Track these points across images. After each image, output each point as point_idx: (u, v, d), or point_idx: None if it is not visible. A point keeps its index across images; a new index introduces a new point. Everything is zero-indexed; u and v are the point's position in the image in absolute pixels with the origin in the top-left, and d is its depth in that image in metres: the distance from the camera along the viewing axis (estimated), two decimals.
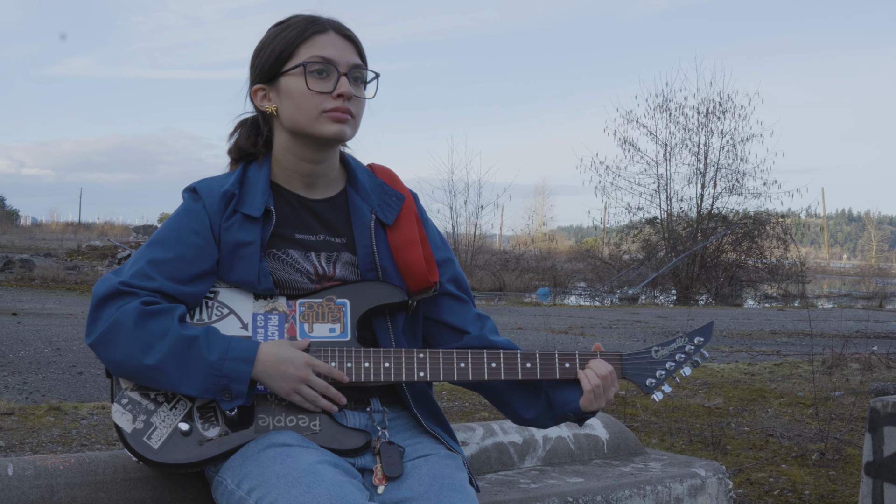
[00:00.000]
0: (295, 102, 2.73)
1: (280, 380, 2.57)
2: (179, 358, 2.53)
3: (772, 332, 18.58)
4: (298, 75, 2.71)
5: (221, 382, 2.53)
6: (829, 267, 71.51)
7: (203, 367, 2.53)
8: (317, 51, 2.71)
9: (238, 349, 2.56)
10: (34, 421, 7.24)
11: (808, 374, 10.77)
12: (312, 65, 2.70)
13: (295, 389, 2.59)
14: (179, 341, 2.54)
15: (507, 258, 38.92)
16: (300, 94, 2.72)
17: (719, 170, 35.95)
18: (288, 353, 2.60)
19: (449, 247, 3.02)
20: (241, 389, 2.55)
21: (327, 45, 2.73)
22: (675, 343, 2.84)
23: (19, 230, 61.76)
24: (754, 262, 35.96)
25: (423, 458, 2.66)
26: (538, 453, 3.67)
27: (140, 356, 2.53)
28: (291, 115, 2.74)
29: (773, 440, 7.42)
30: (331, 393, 2.62)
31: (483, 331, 2.93)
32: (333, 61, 2.72)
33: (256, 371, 2.56)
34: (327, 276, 2.78)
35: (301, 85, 2.71)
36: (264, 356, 2.58)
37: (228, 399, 2.55)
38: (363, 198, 2.87)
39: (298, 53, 2.72)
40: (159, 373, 2.54)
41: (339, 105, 2.72)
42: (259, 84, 2.80)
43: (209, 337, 2.57)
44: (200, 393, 2.55)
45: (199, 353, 2.53)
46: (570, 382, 2.80)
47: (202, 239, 2.70)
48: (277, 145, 2.83)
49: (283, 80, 2.74)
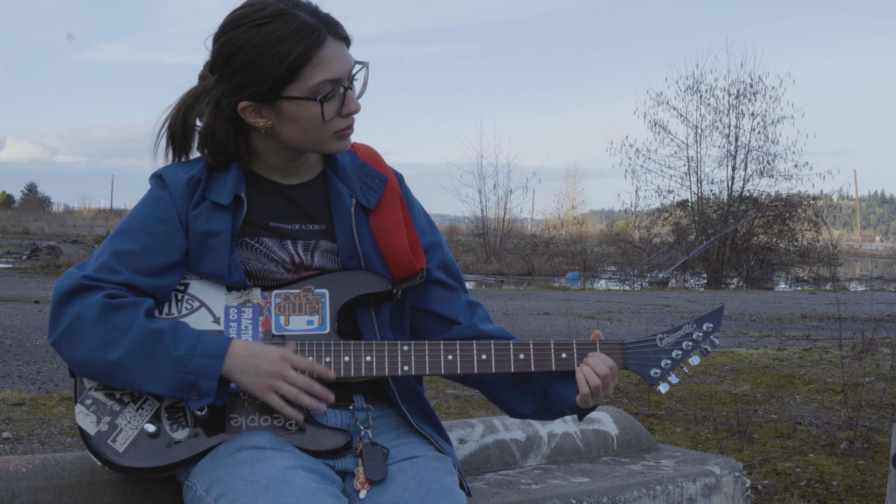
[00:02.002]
0: (302, 128, 2.54)
1: (252, 375, 2.40)
2: (144, 353, 2.38)
3: (802, 315, 18.38)
4: (309, 105, 2.50)
5: (188, 379, 2.37)
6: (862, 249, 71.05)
7: (169, 363, 2.37)
8: (325, 73, 2.49)
9: (207, 344, 2.40)
10: (45, 411, 7.17)
11: (837, 360, 10.59)
12: (326, 95, 2.50)
13: (270, 386, 2.40)
14: (144, 335, 2.38)
15: (537, 242, 38.85)
16: (310, 122, 2.52)
17: (750, 152, 35.77)
18: (262, 348, 2.44)
19: (437, 230, 2.85)
20: (209, 387, 2.38)
21: (331, 59, 2.50)
22: (682, 330, 2.67)
23: (50, 217, 62.22)
24: (785, 244, 35.79)
25: (410, 461, 2.51)
26: (542, 451, 3.50)
27: (102, 352, 2.38)
28: (296, 137, 2.56)
29: (801, 428, 7.27)
30: (314, 390, 2.43)
31: (473, 319, 2.77)
32: (341, 79, 2.52)
33: (227, 367, 2.40)
34: (305, 266, 2.62)
35: (312, 114, 2.51)
36: (235, 350, 2.41)
37: (196, 398, 2.39)
38: (343, 181, 2.69)
39: (304, 76, 2.48)
40: (122, 369, 2.38)
41: (348, 123, 2.58)
42: (250, 102, 2.54)
43: (177, 331, 2.41)
44: (166, 391, 2.39)
45: (165, 347, 2.38)
46: (567, 376, 2.63)
47: (170, 228, 2.54)
48: (260, 146, 2.64)
49: (285, 105, 2.52)
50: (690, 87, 36.00)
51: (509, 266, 33.87)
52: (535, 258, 35.12)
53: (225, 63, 2.52)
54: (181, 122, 2.64)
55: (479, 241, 37.23)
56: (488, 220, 38.02)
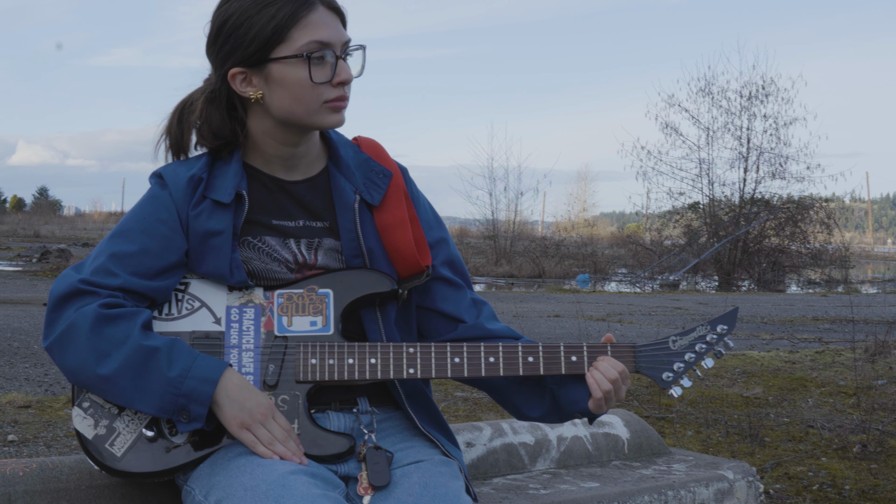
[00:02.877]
0: (292, 94, 2.48)
1: (237, 408, 2.35)
2: (136, 370, 2.32)
3: (814, 318, 18.32)
4: (297, 65, 2.46)
5: (179, 402, 2.32)
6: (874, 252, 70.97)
7: (160, 383, 2.32)
8: (312, 34, 2.45)
9: (202, 367, 2.35)
10: (51, 414, 7.16)
11: (850, 363, 10.53)
12: (313, 54, 2.45)
13: (247, 425, 2.35)
14: (137, 352, 2.33)
15: (548, 244, 38.84)
16: (299, 85, 2.47)
17: (762, 154, 35.71)
18: (256, 391, 2.40)
19: (444, 226, 2.79)
20: (199, 412, 2.34)
21: (321, 24, 2.47)
22: (696, 332, 2.60)
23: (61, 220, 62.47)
24: (797, 247, 35.74)
25: (415, 465, 2.45)
26: (552, 455, 3.45)
27: (94, 365, 2.33)
28: (287, 106, 2.50)
29: (814, 432, 7.21)
30: (290, 446, 2.36)
31: (479, 318, 2.71)
32: (331, 44, 2.47)
33: (217, 392, 2.35)
34: (308, 265, 2.57)
35: (300, 76, 2.46)
36: (229, 380, 2.37)
37: (186, 421, 2.35)
38: (346, 177, 2.63)
39: (292, 37, 2.45)
40: (112, 385, 2.34)
41: (340, 93, 2.51)
42: (239, 68, 2.51)
43: (173, 350, 2.35)
44: (156, 411, 2.34)
45: (158, 366, 2.32)
46: (577, 379, 2.57)
47: (169, 229, 2.49)
48: (256, 129, 2.58)
49: (273, 68, 2.47)
50: (702, 88, 36.03)
51: (520, 268, 33.88)
52: (546, 260, 35.13)
53: (216, 35, 2.51)
54: (177, 121, 2.62)
55: (489, 243, 37.23)
56: (499, 223, 38.07)
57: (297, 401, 2.44)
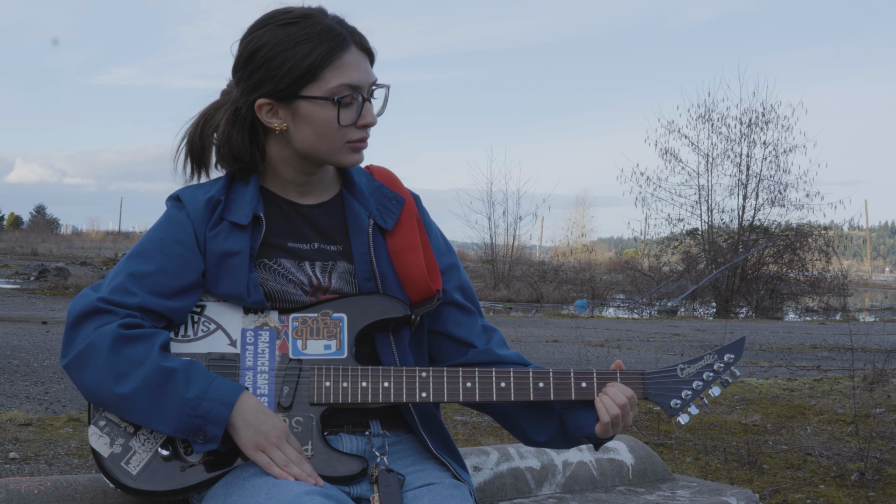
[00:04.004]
0: (317, 132, 2.51)
1: (253, 431, 2.37)
2: (154, 390, 2.35)
3: (812, 346, 18.32)
4: (325, 106, 2.49)
5: (196, 423, 2.35)
6: (872, 280, 70.91)
7: (178, 404, 2.35)
8: (345, 77, 2.48)
9: (219, 389, 2.37)
10: (52, 432, 7.16)
11: (848, 391, 10.54)
12: (343, 98, 2.49)
13: (263, 448, 2.37)
14: (156, 372, 2.35)
15: (546, 269, 38.79)
16: (325, 125, 2.50)
17: (761, 181, 35.68)
18: (272, 415, 2.42)
19: (454, 252, 2.82)
20: (215, 433, 2.36)
21: (353, 66, 2.50)
22: (704, 360, 2.63)
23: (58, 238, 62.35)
24: (796, 274, 35.69)
25: (426, 488, 2.47)
26: (557, 479, 3.47)
27: (112, 384, 2.35)
28: (310, 142, 2.53)
29: (812, 459, 7.23)
30: (305, 468, 2.38)
31: (490, 344, 2.73)
32: (360, 87, 2.51)
33: (234, 415, 2.37)
34: (322, 287, 2.59)
35: (328, 116, 2.49)
36: (245, 403, 2.39)
37: (202, 441, 2.37)
38: (360, 202, 2.67)
39: (324, 77, 2.47)
40: (130, 404, 2.36)
41: (363, 135, 2.55)
42: (267, 99, 2.53)
43: (190, 372, 2.38)
44: (172, 431, 2.36)
45: (176, 387, 2.35)
46: (585, 404, 2.60)
47: (186, 249, 2.52)
48: (276, 156, 2.62)
49: (302, 104, 2.50)
50: (702, 115, 35.94)
51: (518, 293, 33.85)
52: (544, 285, 35.09)
53: (247, 61, 2.52)
54: (199, 135, 2.65)
55: (487, 267, 37.17)
56: (497, 247, 37.97)
57: (310, 423, 2.47)
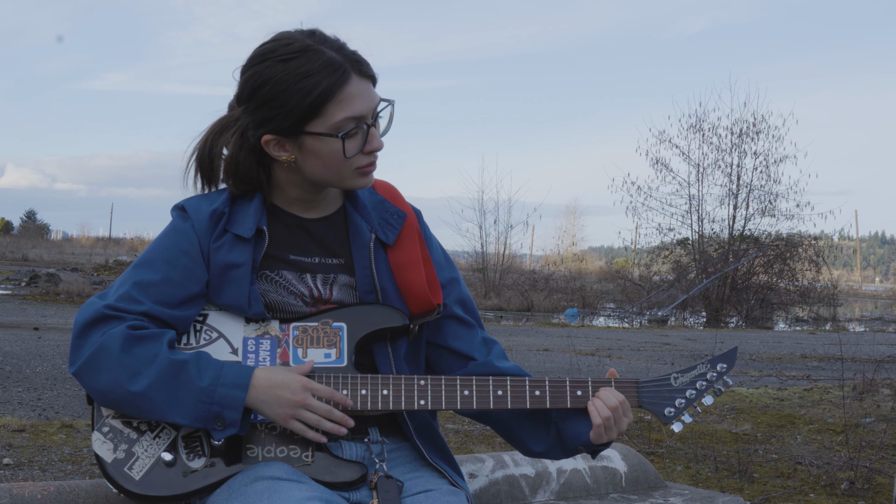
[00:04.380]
0: (324, 164, 2.55)
1: (276, 405, 2.41)
2: (168, 384, 2.38)
3: (802, 356, 18.37)
4: (331, 141, 2.51)
5: (213, 410, 2.38)
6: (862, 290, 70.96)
7: (193, 394, 2.38)
8: (348, 110, 2.49)
9: (231, 374, 2.41)
10: (45, 438, 7.16)
11: (838, 400, 10.58)
12: (349, 132, 2.51)
13: (293, 415, 2.42)
14: (168, 366, 2.39)
15: (536, 278, 38.83)
16: (332, 157, 2.53)
17: (752, 191, 35.79)
18: (283, 377, 2.44)
19: (455, 266, 2.85)
20: (234, 417, 2.39)
21: (355, 97, 2.51)
22: (697, 370, 2.68)
23: (49, 244, 62.14)
24: (786, 284, 35.75)
25: (424, 494, 2.51)
26: (552, 487, 3.51)
27: (126, 383, 2.38)
28: (319, 172, 2.57)
29: (802, 468, 7.27)
30: (335, 416, 2.45)
31: (490, 356, 2.77)
32: (364, 116, 2.53)
33: (250, 397, 2.41)
34: (323, 299, 2.63)
35: (334, 149, 2.52)
36: (258, 381, 2.42)
37: (221, 427, 2.40)
38: (363, 216, 2.70)
39: (327, 112, 2.49)
40: (146, 400, 2.39)
41: (371, 160, 2.58)
42: (274, 136, 2.55)
43: (200, 362, 2.42)
44: (191, 421, 2.39)
45: (189, 378, 2.39)
46: (581, 412, 2.64)
47: (191, 260, 2.55)
48: (282, 179, 2.65)
49: (308, 140, 2.53)
50: (693, 125, 36.06)
51: (508, 302, 33.86)
52: (535, 294, 35.10)
53: (251, 96, 2.54)
54: (208, 151, 2.66)
55: (478, 276, 37.16)
56: (488, 256, 38.02)
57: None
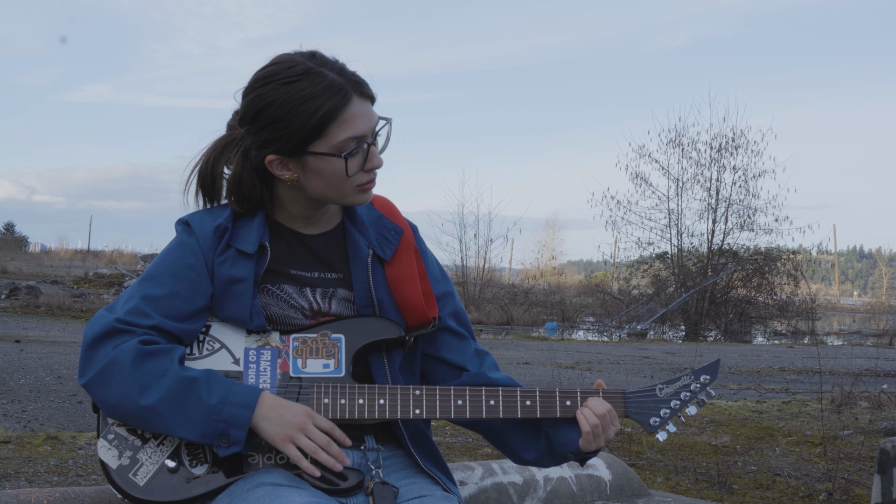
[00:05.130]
0: (327, 182, 2.62)
1: (277, 424, 2.48)
2: (177, 400, 2.46)
3: (781, 369, 18.46)
4: (333, 161, 2.59)
5: (220, 427, 2.45)
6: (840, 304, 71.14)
7: (202, 411, 2.45)
8: (349, 131, 2.57)
9: (239, 394, 2.48)
10: (31, 450, 7.18)
11: (816, 413, 10.67)
12: (350, 151, 2.58)
13: (291, 438, 2.48)
14: (179, 383, 2.46)
15: (516, 292, 38.86)
16: (334, 176, 2.61)
17: (731, 205, 35.91)
18: (288, 402, 2.52)
19: (449, 280, 2.93)
20: (239, 436, 2.46)
21: (356, 118, 2.58)
22: (681, 381, 2.76)
23: (27, 257, 61.74)
24: (764, 298, 35.85)
25: (418, 500, 2.58)
26: (539, 494, 3.59)
27: (137, 396, 2.45)
28: (321, 190, 2.65)
29: (781, 480, 7.34)
30: (332, 450, 2.51)
31: (482, 368, 2.85)
32: (364, 136, 2.60)
33: (255, 416, 2.48)
34: (322, 312, 2.71)
35: (336, 168, 2.59)
36: (265, 401, 2.50)
37: (225, 445, 2.47)
38: (361, 232, 2.79)
39: (330, 133, 2.56)
40: (155, 414, 2.46)
41: (371, 177, 2.66)
42: (277, 156, 2.62)
43: (210, 380, 2.49)
44: (197, 437, 2.46)
45: (199, 395, 2.46)
46: (570, 421, 2.72)
47: (197, 274, 2.63)
48: (284, 196, 2.73)
49: (310, 159, 2.60)
50: (672, 140, 36.16)
51: (488, 315, 33.87)
52: (514, 308, 35.13)
53: (254, 118, 2.60)
54: (210, 170, 2.73)
55: (458, 289, 37.06)
56: (468, 269, 38.01)
57: None
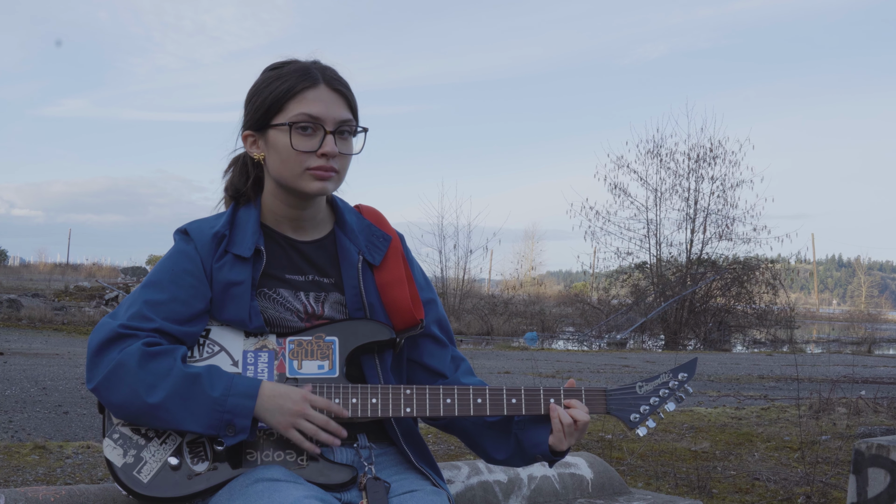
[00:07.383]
0: (280, 157, 2.77)
1: (278, 414, 2.60)
2: (183, 395, 2.57)
3: (759, 376, 18.56)
4: (285, 132, 2.75)
5: (225, 418, 2.56)
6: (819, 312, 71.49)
7: (207, 404, 2.57)
8: (305, 108, 2.74)
9: (241, 385, 2.60)
10: (19, 459, 7.20)
11: (795, 419, 10.77)
12: (298, 124, 2.73)
13: (293, 424, 2.61)
14: (183, 379, 2.57)
15: (496, 302, 38.89)
16: (285, 150, 2.75)
17: (709, 215, 36.06)
18: (285, 389, 2.63)
19: (433, 288, 3.06)
20: (244, 424, 2.58)
21: (316, 100, 2.75)
22: (660, 379, 2.86)
23: (7, 270, 61.50)
24: (743, 307, 35.97)
25: (409, 494, 2.68)
26: (523, 492, 3.68)
27: (144, 395, 2.56)
28: (276, 168, 2.79)
29: (760, 484, 7.41)
30: (331, 427, 2.64)
31: (457, 373, 2.99)
32: (320, 119, 2.74)
33: (257, 406, 2.60)
34: (316, 315, 2.82)
35: (286, 142, 2.74)
36: (264, 391, 2.61)
37: (232, 434, 2.58)
38: (351, 239, 2.91)
39: (287, 108, 2.75)
40: (163, 411, 2.57)
41: (322, 164, 2.75)
42: (249, 131, 2.83)
43: (212, 374, 2.60)
44: (204, 429, 2.58)
45: (203, 389, 2.57)
46: (539, 423, 2.83)
47: (196, 279, 2.74)
48: (266, 189, 2.88)
49: (270, 133, 2.78)
50: (651, 150, 36.33)
51: (468, 326, 33.88)
52: (494, 318, 35.15)
53: (244, 104, 2.85)
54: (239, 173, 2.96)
55: None
56: (448, 280, 38.02)
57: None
